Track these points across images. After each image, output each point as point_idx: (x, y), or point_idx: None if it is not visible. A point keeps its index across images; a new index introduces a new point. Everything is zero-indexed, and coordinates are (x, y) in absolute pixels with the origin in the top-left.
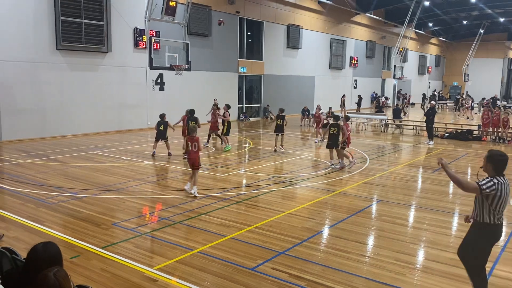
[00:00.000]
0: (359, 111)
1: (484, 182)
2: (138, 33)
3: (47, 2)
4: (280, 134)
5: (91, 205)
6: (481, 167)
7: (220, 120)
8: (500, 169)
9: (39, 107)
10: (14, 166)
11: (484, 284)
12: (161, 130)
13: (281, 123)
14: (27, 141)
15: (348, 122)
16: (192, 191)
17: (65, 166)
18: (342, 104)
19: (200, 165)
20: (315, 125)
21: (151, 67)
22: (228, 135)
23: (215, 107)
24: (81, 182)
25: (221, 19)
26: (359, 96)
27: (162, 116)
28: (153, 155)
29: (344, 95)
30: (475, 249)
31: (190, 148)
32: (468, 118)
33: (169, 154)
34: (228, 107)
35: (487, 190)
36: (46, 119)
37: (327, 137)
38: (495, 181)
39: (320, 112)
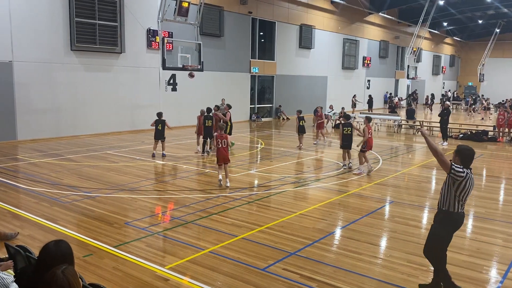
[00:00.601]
0: (371, 111)
1: (456, 166)
2: (151, 34)
3: (62, 4)
4: (302, 134)
5: (104, 204)
6: (450, 160)
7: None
8: (467, 162)
9: (54, 107)
10: (29, 165)
11: (445, 272)
12: (159, 130)
13: (303, 124)
14: (42, 140)
15: (369, 123)
16: (227, 185)
17: (79, 165)
18: (353, 104)
19: (229, 160)
20: (315, 124)
21: (164, 67)
22: (231, 135)
23: (216, 107)
24: (94, 182)
25: (192, 73)
26: (370, 96)
27: (159, 114)
28: (153, 156)
29: (354, 95)
30: (438, 235)
31: (219, 145)
32: (483, 118)
33: (163, 155)
34: (229, 107)
35: (456, 174)
36: (61, 119)
37: (341, 138)
38: (465, 171)
39: (326, 112)
